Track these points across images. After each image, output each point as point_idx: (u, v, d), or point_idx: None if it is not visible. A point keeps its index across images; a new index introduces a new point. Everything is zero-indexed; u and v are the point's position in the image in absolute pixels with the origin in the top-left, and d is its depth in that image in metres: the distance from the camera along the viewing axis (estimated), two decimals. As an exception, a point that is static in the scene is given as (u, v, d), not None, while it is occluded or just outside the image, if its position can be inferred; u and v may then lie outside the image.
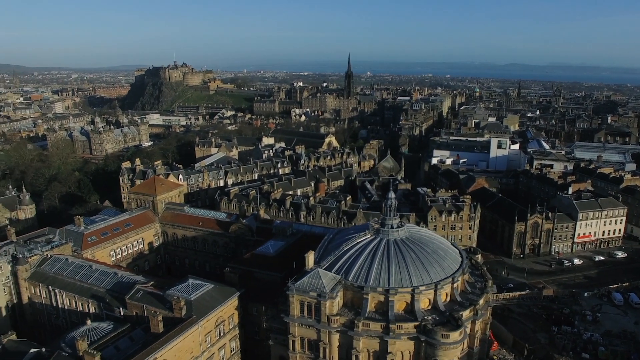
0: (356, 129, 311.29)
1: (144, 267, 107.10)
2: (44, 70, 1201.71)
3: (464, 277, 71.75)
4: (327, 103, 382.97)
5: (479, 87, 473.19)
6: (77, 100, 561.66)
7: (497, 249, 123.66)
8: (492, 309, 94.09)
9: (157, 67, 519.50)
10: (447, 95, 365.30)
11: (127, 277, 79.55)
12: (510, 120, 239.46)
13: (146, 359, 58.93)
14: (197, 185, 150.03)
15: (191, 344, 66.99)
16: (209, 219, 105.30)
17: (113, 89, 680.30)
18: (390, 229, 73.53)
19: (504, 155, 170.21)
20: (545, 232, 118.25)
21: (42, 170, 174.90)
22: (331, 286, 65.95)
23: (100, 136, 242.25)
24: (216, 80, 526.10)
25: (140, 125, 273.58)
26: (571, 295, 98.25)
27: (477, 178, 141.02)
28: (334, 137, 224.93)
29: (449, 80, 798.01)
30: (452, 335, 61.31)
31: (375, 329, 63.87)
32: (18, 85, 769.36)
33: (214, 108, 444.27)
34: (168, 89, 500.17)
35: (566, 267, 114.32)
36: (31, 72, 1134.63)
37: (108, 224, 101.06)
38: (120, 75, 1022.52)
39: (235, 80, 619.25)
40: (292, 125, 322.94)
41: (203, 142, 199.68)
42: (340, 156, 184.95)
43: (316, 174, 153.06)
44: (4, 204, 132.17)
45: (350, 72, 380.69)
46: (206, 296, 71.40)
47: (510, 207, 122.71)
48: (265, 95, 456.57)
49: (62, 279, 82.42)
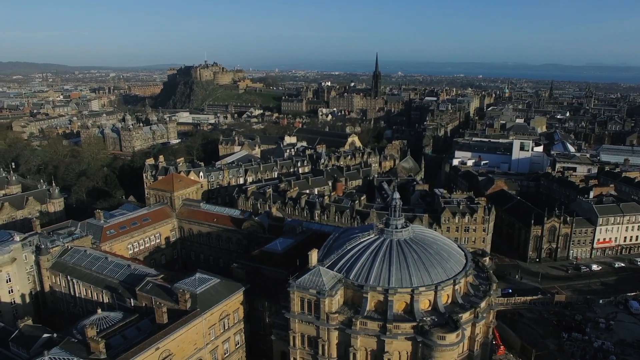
0: (382, 129, 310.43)
1: (161, 261, 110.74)
2: (84, 69, 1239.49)
3: (467, 279, 71.48)
4: (354, 103, 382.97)
5: (508, 88, 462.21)
6: (112, 98, 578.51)
7: (513, 252, 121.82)
8: (496, 313, 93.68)
9: (189, 66, 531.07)
10: (475, 96, 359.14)
11: (140, 269, 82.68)
12: (537, 121, 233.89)
13: (148, 348, 61.44)
14: (217, 182, 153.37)
15: (195, 335, 69.29)
16: (223, 216, 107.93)
17: (147, 88, 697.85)
18: (394, 230, 73.78)
19: (526, 157, 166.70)
20: (563, 237, 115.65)
21: (72, 165, 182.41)
22: (331, 284, 66.92)
23: (130, 133, 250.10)
24: (246, 80, 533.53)
25: (169, 123, 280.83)
26: (585, 301, 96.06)
27: (496, 180, 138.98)
28: (357, 137, 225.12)
29: (480, 80, 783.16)
30: (448, 337, 61.33)
31: (372, 327, 64.54)
32: (60, 83, 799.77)
33: (243, 107, 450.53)
34: (199, 88, 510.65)
35: (583, 273, 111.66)
36: (72, 71, 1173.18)
37: (126, 218, 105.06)
38: (156, 74, 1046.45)
39: (264, 79, 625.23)
40: (318, 125, 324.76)
41: (226, 140, 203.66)
42: (360, 156, 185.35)
43: (334, 174, 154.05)
44: (35, 197, 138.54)
45: (378, 72, 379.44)
46: (212, 290, 73.60)
47: (528, 210, 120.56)
48: (293, 94, 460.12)
49: (80, 270, 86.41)
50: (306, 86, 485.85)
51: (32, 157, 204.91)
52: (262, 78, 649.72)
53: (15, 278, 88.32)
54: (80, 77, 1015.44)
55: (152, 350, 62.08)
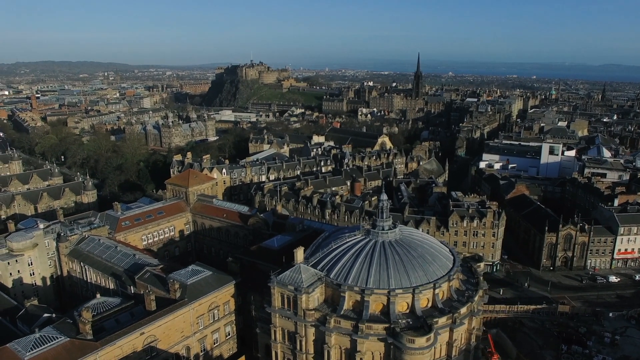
0: (420, 129, 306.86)
1: (174, 253, 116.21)
2: (144, 68, 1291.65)
3: (450, 284, 70.84)
4: (394, 103, 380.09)
5: (556, 89, 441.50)
6: (164, 96, 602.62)
7: (527, 259, 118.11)
8: (498, 320, 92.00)
9: (235, 65, 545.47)
10: (518, 98, 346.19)
11: (143, 259, 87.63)
12: (578, 125, 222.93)
13: (132, 332, 65.73)
14: (239, 179, 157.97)
15: (182, 324, 72.99)
16: (232, 212, 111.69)
17: (198, 86, 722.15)
18: (380, 231, 74.30)
19: (555, 161, 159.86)
20: (579, 245, 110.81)
21: (111, 159, 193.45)
22: (310, 282, 68.42)
23: (169, 130, 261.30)
24: (290, 79, 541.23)
25: (207, 121, 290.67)
26: (593, 313, 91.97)
27: (517, 184, 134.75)
28: (387, 138, 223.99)
29: (533, 81, 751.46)
30: (417, 341, 61.27)
31: (346, 326, 65.49)
32: (119, 81, 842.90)
33: (285, 106, 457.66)
34: (244, 87, 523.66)
35: (599, 284, 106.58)
36: (132, 70, 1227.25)
37: (142, 210, 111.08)
38: (209, 72, 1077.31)
39: (308, 79, 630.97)
40: (356, 125, 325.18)
41: (256, 139, 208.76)
42: (386, 157, 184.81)
43: (353, 174, 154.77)
44: (71, 188, 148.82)
45: (419, 72, 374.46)
46: (202, 282, 77.16)
47: (545, 216, 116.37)
48: (334, 94, 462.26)
49: (92, 257, 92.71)
50: (348, 86, 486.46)
51: (79, 151, 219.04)
52: (306, 77, 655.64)
53: (36, 262, 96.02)
54: (139, 76, 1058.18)
55: (136, 334, 66.25)
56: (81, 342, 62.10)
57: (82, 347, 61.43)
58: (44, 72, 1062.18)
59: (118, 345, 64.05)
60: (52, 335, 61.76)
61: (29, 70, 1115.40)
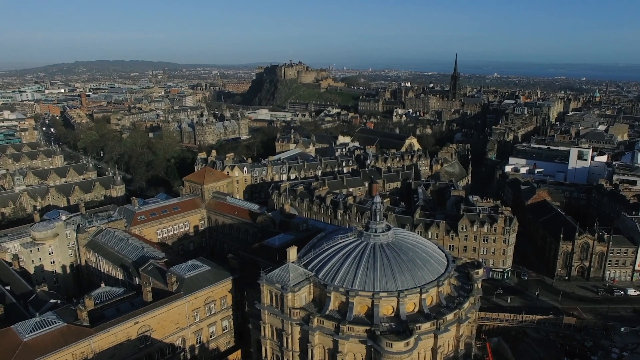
0: (454, 131, 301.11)
1: (189, 248, 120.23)
2: (191, 67, 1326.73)
3: (439, 289, 70.03)
4: (429, 104, 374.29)
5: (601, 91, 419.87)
6: (207, 94, 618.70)
7: (543, 267, 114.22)
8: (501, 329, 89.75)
9: (275, 65, 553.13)
10: (558, 100, 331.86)
11: (151, 253, 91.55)
12: (617, 129, 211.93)
13: (126, 320, 69.14)
14: (260, 178, 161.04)
15: (177, 315, 75.88)
16: (243, 209, 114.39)
17: (240, 85, 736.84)
18: (372, 233, 74.37)
19: (584, 167, 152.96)
20: (597, 255, 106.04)
21: (143, 156, 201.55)
22: (297, 281, 69.48)
23: (203, 128, 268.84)
24: (328, 79, 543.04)
25: (240, 120, 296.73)
26: (604, 327, 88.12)
27: (538, 190, 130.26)
28: (415, 139, 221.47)
29: (582, 83, 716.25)
30: (395, 345, 61.14)
31: (328, 327, 66.11)
32: (166, 80, 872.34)
33: (322, 105, 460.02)
34: (283, 86, 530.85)
35: (616, 297, 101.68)
36: (180, 69, 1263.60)
37: (157, 206, 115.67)
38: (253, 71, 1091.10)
39: (346, 79, 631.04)
40: (390, 125, 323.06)
41: (283, 138, 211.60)
42: (410, 158, 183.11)
43: (372, 175, 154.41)
44: (101, 183, 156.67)
45: (456, 73, 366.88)
46: (199, 276, 79.84)
47: (563, 223, 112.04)
48: (371, 94, 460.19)
49: (106, 249, 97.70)
50: (385, 86, 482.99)
51: (116, 147, 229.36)
52: (344, 78, 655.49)
53: (56, 251, 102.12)
54: (186, 74, 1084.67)
55: (130, 323, 69.61)
56: (77, 327, 65.88)
57: (77, 333, 65.21)
58: (99, 71, 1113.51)
59: (112, 333, 67.51)
60: (51, 319, 65.80)
61: (85, 69, 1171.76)
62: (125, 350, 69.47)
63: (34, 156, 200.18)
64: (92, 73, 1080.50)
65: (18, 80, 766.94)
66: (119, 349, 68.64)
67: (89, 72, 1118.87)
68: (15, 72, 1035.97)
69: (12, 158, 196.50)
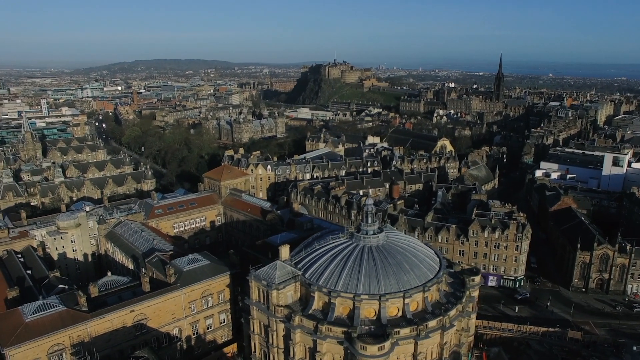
0: (494, 133, 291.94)
1: (205, 242, 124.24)
2: (244, 66, 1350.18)
3: (425, 295, 69.15)
4: (471, 105, 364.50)
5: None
6: (254, 92, 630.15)
7: (561, 277, 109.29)
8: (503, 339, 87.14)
9: (319, 64, 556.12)
10: (608, 102, 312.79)
11: (160, 245, 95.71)
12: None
13: (122, 308, 72.99)
14: (284, 176, 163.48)
15: (173, 306, 79.08)
16: (256, 206, 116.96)
17: (287, 83, 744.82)
18: (363, 235, 74.54)
19: (619, 173, 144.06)
20: (618, 267, 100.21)
21: (177, 152, 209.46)
22: (283, 279, 70.78)
23: (240, 126, 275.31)
24: (371, 79, 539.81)
25: (277, 118, 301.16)
26: (614, 344, 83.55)
27: (563, 196, 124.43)
28: (448, 141, 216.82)
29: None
30: (369, 349, 61.18)
31: (309, 326, 67.00)
32: (217, 78, 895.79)
33: (364, 105, 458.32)
34: (326, 85, 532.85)
35: (635, 313, 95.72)
36: (233, 67, 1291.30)
37: (175, 200, 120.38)
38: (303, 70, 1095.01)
39: (390, 78, 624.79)
40: (429, 126, 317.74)
41: (313, 137, 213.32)
42: (437, 160, 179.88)
43: (393, 176, 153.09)
44: (133, 177, 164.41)
45: (501, 73, 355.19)
46: (198, 270, 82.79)
47: (585, 232, 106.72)
48: (413, 94, 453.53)
49: (121, 240, 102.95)
50: (427, 87, 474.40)
51: (155, 142, 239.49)
52: (388, 77, 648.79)
53: (78, 240, 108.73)
54: (238, 73, 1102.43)
55: (126, 311, 73.42)
56: (75, 312, 70.28)
57: (75, 317, 69.59)
58: (157, 69, 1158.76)
59: (108, 319, 71.46)
60: (53, 303, 70.55)
61: (144, 68, 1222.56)
62: (121, 336, 73.24)
63: (80, 150, 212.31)
64: (150, 71, 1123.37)
65: (84, 78, 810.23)
66: (115, 334, 72.45)
67: (147, 70, 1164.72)
68: (82, 71, 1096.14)
69: (60, 151, 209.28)
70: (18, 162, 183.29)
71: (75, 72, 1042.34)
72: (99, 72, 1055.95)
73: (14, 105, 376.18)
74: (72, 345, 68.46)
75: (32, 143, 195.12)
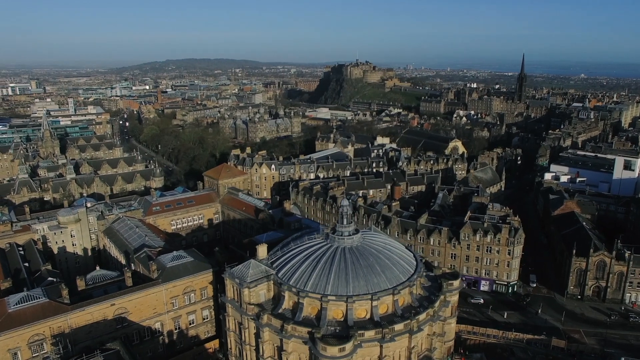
0: (512, 135, 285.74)
1: (203, 239, 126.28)
2: (272, 65, 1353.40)
3: (394, 297, 68.66)
4: (492, 106, 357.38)
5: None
6: (278, 92, 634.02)
7: (558, 284, 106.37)
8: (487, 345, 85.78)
9: (341, 64, 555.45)
10: (634, 104, 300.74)
11: (151, 241, 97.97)
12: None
13: (102, 301, 75.21)
14: (288, 175, 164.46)
15: (154, 301, 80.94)
16: (250, 205, 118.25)
17: (312, 83, 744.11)
18: (338, 236, 74.55)
19: (631, 177, 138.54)
20: (615, 275, 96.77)
21: (190, 150, 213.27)
22: (255, 277, 71.56)
23: (255, 125, 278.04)
24: (393, 79, 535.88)
25: (293, 118, 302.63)
26: (602, 355, 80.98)
27: (566, 200, 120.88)
28: (460, 142, 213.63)
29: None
30: (329, 350, 61.25)
31: (276, 325, 67.54)
32: (244, 77, 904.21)
33: (385, 105, 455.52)
34: (348, 85, 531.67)
35: (632, 323, 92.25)
36: (261, 67, 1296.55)
37: (173, 198, 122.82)
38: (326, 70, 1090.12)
39: (413, 78, 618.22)
40: (447, 127, 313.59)
41: (323, 137, 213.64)
42: (445, 162, 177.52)
43: (395, 177, 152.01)
44: (142, 174, 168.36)
45: (523, 74, 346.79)
46: (181, 267, 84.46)
47: (584, 238, 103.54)
48: (434, 95, 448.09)
49: (117, 235, 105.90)
50: (448, 87, 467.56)
51: (171, 141, 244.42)
52: (411, 78, 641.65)
53: (78, 235, 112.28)
54: (265, 72, 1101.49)
55: (106, 304, 75.62)
56: (57, 304, 72.82)
57: (56, 308, 72.11)
58: (187, 69, 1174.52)
59: (88, 312, 73.73)
60: (36, 295, 73.29)
61: (175, 67, 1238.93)
62: (101, 329, 75.34)
63: (98, 148, 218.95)
64: (179, 70, 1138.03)
65: (115, 77, 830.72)
66: (95, 327, 74.62)
67: (177, 69, 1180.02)
68: (115, 70, 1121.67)
69: (79, 149, 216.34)
70: (37, 158, 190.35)
71: (109, 72, 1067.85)
72: (131, 71, 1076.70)
73: (44, 104, 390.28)
74: (52, 336, 70.94)
75: (50, 140, 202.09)
